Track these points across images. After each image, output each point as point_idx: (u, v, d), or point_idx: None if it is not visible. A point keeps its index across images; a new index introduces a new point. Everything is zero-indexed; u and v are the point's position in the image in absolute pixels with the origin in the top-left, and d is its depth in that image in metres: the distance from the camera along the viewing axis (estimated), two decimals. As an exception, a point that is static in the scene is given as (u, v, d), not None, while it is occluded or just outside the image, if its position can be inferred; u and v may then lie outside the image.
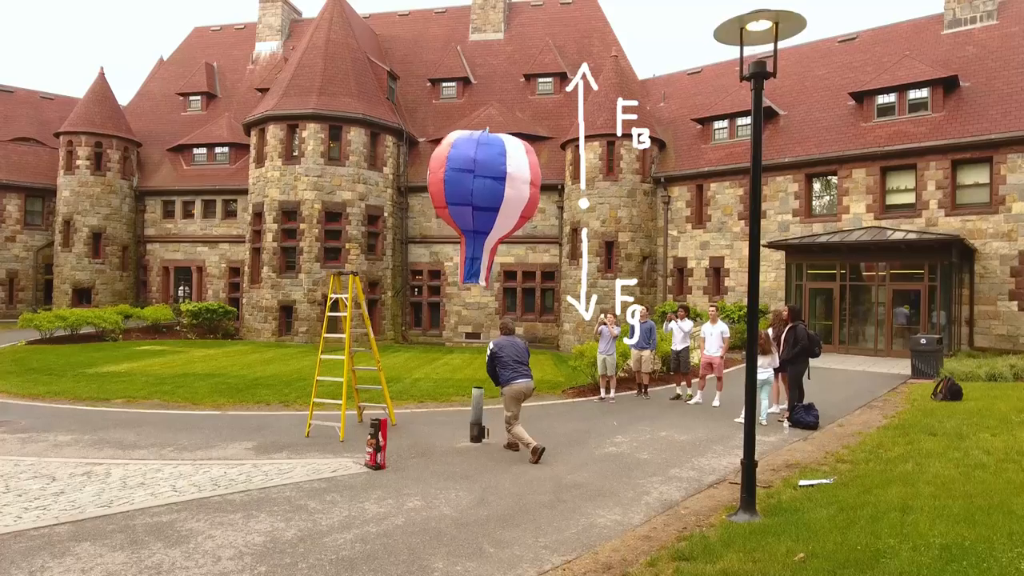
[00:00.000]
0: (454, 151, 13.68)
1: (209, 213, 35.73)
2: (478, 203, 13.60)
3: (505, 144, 13.27)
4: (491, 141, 13.50)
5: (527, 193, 13.97)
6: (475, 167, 13.29)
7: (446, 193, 13.75)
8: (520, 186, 13.52)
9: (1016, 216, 21.47)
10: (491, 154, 13.37)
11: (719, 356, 13.44)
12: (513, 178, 13.32)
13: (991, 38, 24.73)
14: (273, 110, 30.37)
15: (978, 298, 22.09)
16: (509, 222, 14.24)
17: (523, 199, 13.88)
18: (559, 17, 37.80)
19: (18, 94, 38.54)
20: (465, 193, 13.53)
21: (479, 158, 13.36)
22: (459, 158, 13.51)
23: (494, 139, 13.59)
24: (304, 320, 29.66)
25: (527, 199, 14.00)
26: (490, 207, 13.57)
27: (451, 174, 13.43)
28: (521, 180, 13.52)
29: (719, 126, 28.66)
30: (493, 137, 13.71)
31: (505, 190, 13.46)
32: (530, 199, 14.45)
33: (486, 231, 14.20)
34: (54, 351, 22.60)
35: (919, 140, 23.10)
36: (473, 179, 13.35)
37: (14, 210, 35.01)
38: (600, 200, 28.69)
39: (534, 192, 15.28)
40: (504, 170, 13.41)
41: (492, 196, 13.50)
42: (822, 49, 29.22)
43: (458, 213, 14.04)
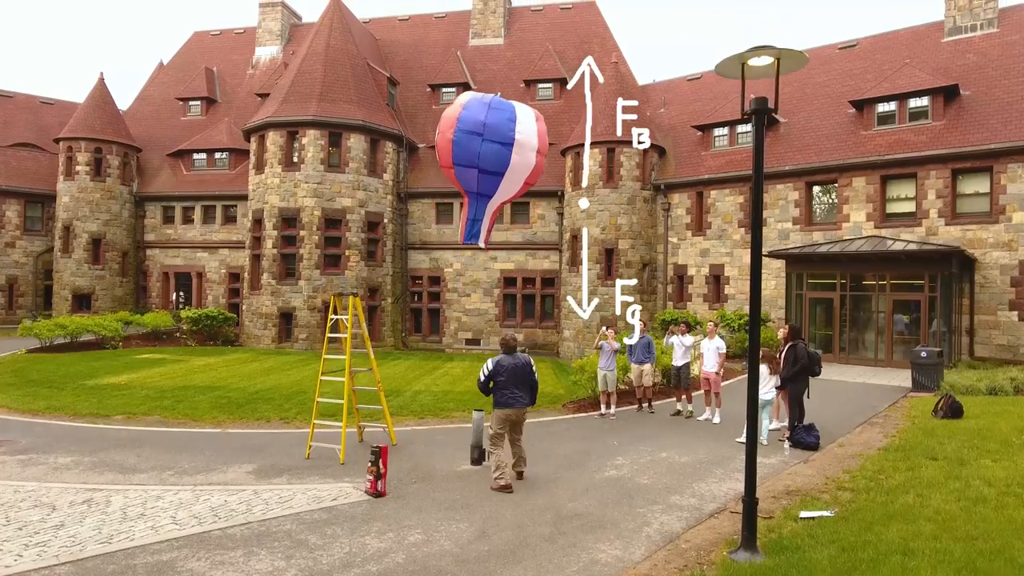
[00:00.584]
0: (465, 112, 13.54)
1: (209, 219, 35.72)
2: (484, 166, 13.48)
3: (516, 110, 13.24)
4: (502, 106, 13.35)
5: (533, 160, 13.78)
6: (484, 131, 13.11)
7: (453, 154, 13.62)
8: (527, 153, 13.35)
9: (1016, 226, 21.44)
10: (501, 119, 13.25)
11: (715, 372, 13.44)
12: (521, 145, 13.16)
13: (991, 46, 24.70)
14: (273, 117, 30.35)
15: (978, 308, 22.07)
16: (513, 187, 14.09)
17: (529, 166, 13.66)
18: (559, 22, 37.78)
19: (17, 99, 38.51)
20: (472, 156, 13.35)
21: (489, 122, 13.19)
22: (469, 120, 13.34)
23: (505, 104, 13.42)
24: (304, 327, 29.65)
25: (532, 166, 13.77)
26: (496, 171, 13.49)
27: (460, 135, 13.26)
28: (529, 147, 13.34)
29: (719, 133, 28.64)
30: (505, 102, 13.50)
31: (512, 156, 13.35)
32: (535, 167, 14.62)
33: (489, 194, 14.18)
34: (54, 360, 22.61)
35: (919, 149, 23.07)
36: (481, 142, 13.19)
37: (14, 216, 35.00)
38: (600, 207, 28.68)
39: (540, 160, 15.49)
40: (512, 136, 13.23)
41: (499, 161, 13.39)
42: (822, 56, 29.15)
43: (463, 175, 13.90)
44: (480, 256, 32.60)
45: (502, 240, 32.32)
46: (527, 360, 9.53)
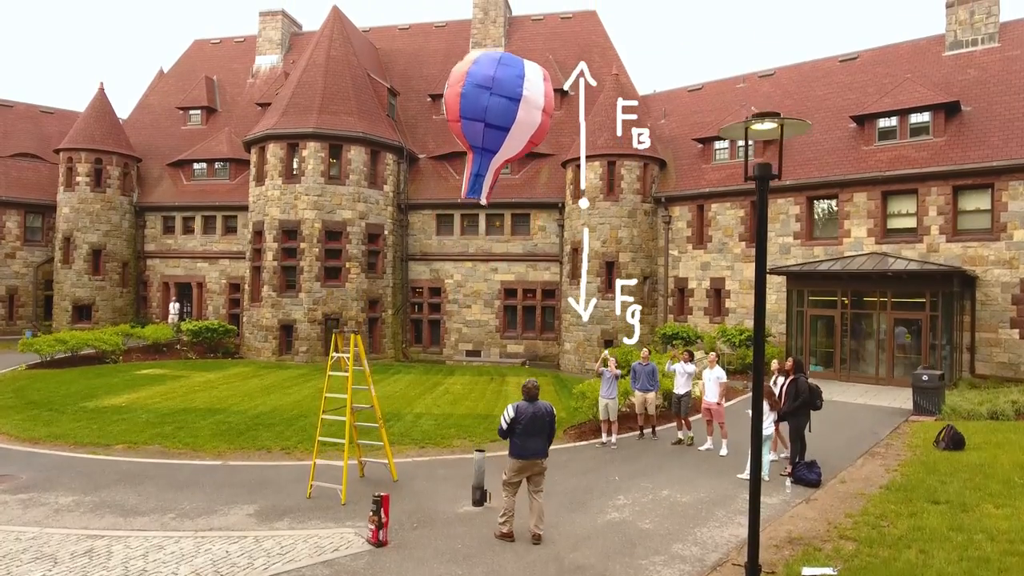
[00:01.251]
0: (475, 67, 13.93)
1: (209, 229, 35.70)
2: (491, 120, 13.77)
3: (525, 67, 13.53)
4: (512, 62, 13.77)
5: (539, 119, 14.24)
6: (493, 85, 13.50)
7: (461, 107, 13.94)
8: (533, 111, 13.73)
9: (1017, 244, 21.43)
10: (510, 75, 13.62)
11: (716, 402, 13.42)
12: (528, 101, 13.51)
13: (992, 61, 24.67)
14: (273, 129, 30.33)
15: (979, 325, 22.06)
16: (517, 144, 14.49)
17: (534, 124, 14.10)
18: (559, 32, 37.73)
19: (17, 108, 38.47)
20: (480, 109, 13.69)
21: (498, 76, 13.60)
22: (479, 74, 13.74)
23: (515, 60, 13.86)
24: (304, 340, 29.64)
25: (538, 125, 14.27)
26: (502, 126, 13.76)
27: (469, 88, 13.63)
28: (535, 105, 13.73)
29: (720, 146, 28.62)
30: (515, 58, 14.02)
31: (519, 112, 13.66)
32: (540, 125, 14.45)
33: (494, 150, 14.34)
34: (55, 377, 22.60)
35: (920, 165, 23.06)
36: (489, 96, 13.55)
37: (14, 227, 34.98)
38: (600, 220, 28.66)
39: (545, 120, 15.72)
40: (520, 92, 13.60)
41: (505, 116, 13.66)
42: (823, 68, 29.16)
43: (470, 128, 14.11)
44: (480, 267, 32.62)
45: (502, 251, 32.36)
46: (548, 409, 9.14)
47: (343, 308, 30.15)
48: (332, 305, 30.01)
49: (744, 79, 31.60)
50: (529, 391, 9.03)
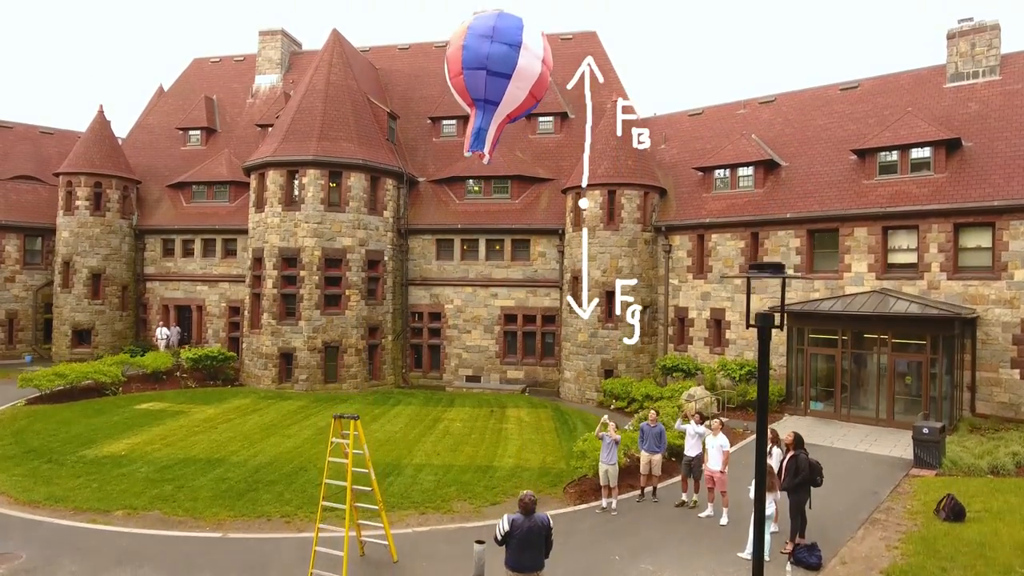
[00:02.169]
0: (476, 21, 14.69)
1: (209, 252, 35.67)
2: (493, 67, 14.23)
3: (523, 20, 14.19)
4: (510, 17, 14.37)
5: (539, 68, 14.74)
6: (494, 34, 14.07)
7: (464, 59, 14.54)
8: (533, 60, 14.26)
9: (1018, 283, 21.41)
10: (509, 24, 14.23)
11: (720, 471, 13.40)
12: (528, 48, 14.06)
13: (994, 95, 24.61)
14: (273, 156, 30.27)
15: (980, 364, 22.04)
16: (519, 94, 14.90)
17: (534, 73, 14.59)
18: (560, 53, 37.45)
19: (17, 129, 38.41)
20: (481, 57, 14.22)
21: (498, 26, 14.23)
22: (480, 26, 14.42)
23: (513, 16, 14.40)
24: (304, 368, 29.62)
25: (538, 75, 14.78)
26: (503, 72, 14.24)
27: (471, 39, 14.32)
28: (534, 54, 14.27)
29: (720, 175, 28.55)
30: (512, 15, 14.48)
31: (519, 58, 14.14)
32: (540, 76, 14.97)
33: (496, 100, 14.78)
34: (55, 415, 22.61)
35: (921, 202, 23.02)
36: (491, 44, 14.08)
37: (13, 250, 34.93)
38: (601, 249, 28.62)
39: (545, 71, 16.11)
40: (520, 39, 14.13)
41: (506, 62, 14.13)
42: (823, 97, 29.10)
43: (472, 79, 14.70)
44: (480, 293, 32.59)
45: (502, 277, 32.33)
46: (545, 522, 8.82)
47: (343, 336, 30.13)
48: (332, 333, 29.98)
49: (745, 105, 31.54)
50: (526, 505, 8.71)
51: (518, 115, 17.85)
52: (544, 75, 16.06)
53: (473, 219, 32.63)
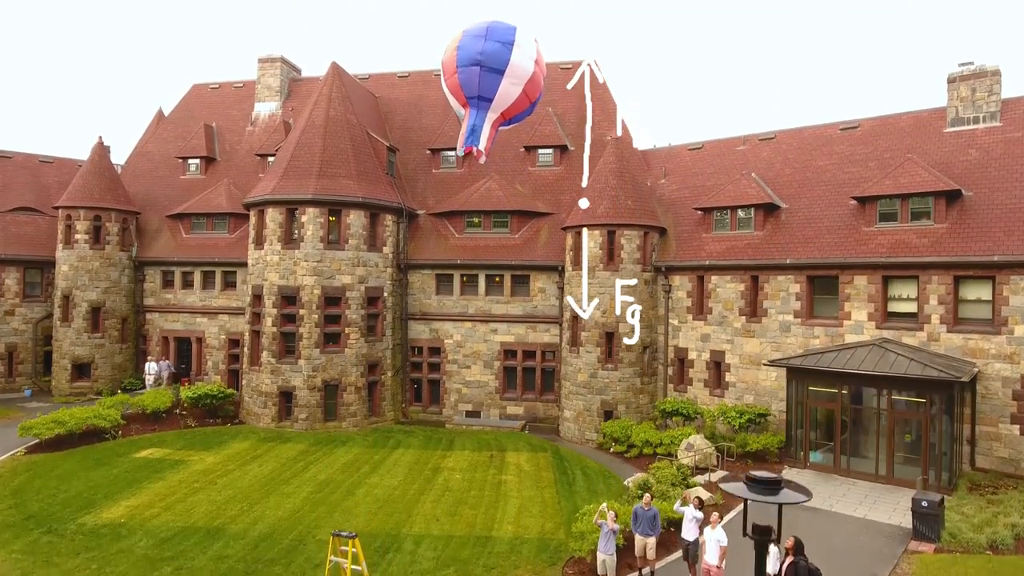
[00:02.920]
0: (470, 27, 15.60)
1: (208, 284, 35.66)
2: (486, 63, 14.94)
3: (516, 27, 15.08)
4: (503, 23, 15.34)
5: (531, 67, 15.45)
6: (487, 33, 14.96)
7: (458, 58, 15.31)
8: (525, 58, 14.96)
9: (1018, 339, 21.38)
10: (502, 26, 15.10)
11: (717, 566, 13.37)
12: (520, 47, 14.78)
13: (994, 142, 24.55)
14: (272, 194, 30.23)
15: (980, 418, 22.02)
16: (514, 90, 15.58)
17: (527, 70, 15.29)
18: (560, 83, 37.33)
19: (16, 159, 38.36)
20: (475, 53, 14.95)
21: (491, 26, 15.12)
22: (474, 29, 15.30)
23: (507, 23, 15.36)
24: (304, 407, 29.62)
25: (531, 73, 15.48)
26: (497, 68, 14.93)
27: (465, 40, 15.13)
28: (527, 53, 15.01)
29: (720, 217, 28.50)
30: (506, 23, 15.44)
31: (512, 55, 14.89)
32: (533, 76, 15.75)
33: (490, 97, 15.43)
34: (55, 467, 22.68)
35: (921, 254, 22.98)
36: (484, 41, 14.92)
37: (13, 283, 34.91)
38: (601, 290, 28.58)
39: (538, 72, 16.73)
40: (512, 38, 14.94)
41: (499, 58, 14.88)
42: (824, 136, 29.02)
43: (466, 76, 15.37)
44: (480, 328, 32.57)
45: (502, 313, 32.31)
46: None
47: (342, 374, 30.12)
48: (331, 371, 29.98)
49: (745, 140, 31.47)
50: None
51: (513, 116, 18.07)
52: (537, 76, 16.50)
53: (473, 254, 32.59)
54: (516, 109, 17.80)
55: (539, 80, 17.32)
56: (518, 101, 17.32)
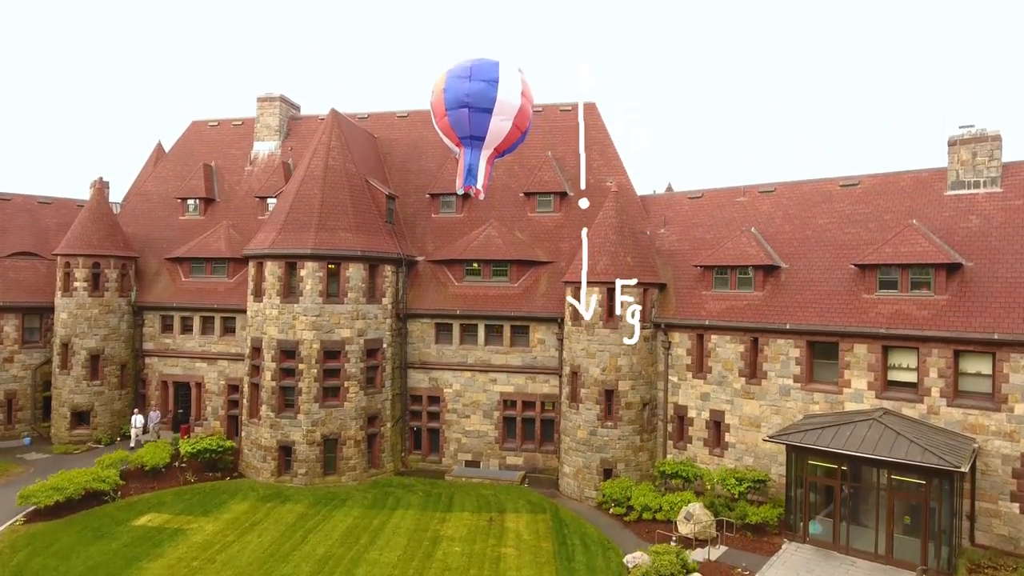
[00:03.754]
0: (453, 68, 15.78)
1: (208, 329, 35.63)
2: (474, 103, 15.28)
3: (499, 62, 15.32)
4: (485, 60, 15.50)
5: (518, 100, 15.69)
6: (471, 73, 15.26)
7: (446, 101, 15.61)
8: (511, 93, 15.24)
9: (1019, 417, 21.38)
10: (485, 64, 15.34)
11: None
12: (505, 82, 15.09)
13: (995, 209, 24.48)
14: (271, 248, 30.17)
15: (979, 494, 22.02)
16: (503, 126, 15.96)
17: (515, 105, 15.57)
18: (559, 125, 37.42)
19: (15, 201, 38.27)
20: (461, 95, 15.29)
21: (474, 66, 15.34)
22: (457, 69, 15.53)
23: (488, 59, 15.51)
24: (303, 462, 29.60)
25: (519, 106, 15.75)
26: (484, 108, 15.29)
27: (450, 82, 15.40)
28: (512, 87, 15.26)
29: (720, 275, 28.43)
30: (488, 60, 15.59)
31: (498, 92, 15.21)
32: (521, 108, 16.06)
33: (481, 135, 15.89)
34: (54, 541, 22.66)
35: (921, 327, 22.96)
36: (469, 82, 15.22)
37: (12, 330, 34.85)
38: (600, 348, 28.55)
39: (525, 103, 17.09)
40: (496, 75, 15.24)
41: (485, 96, 15.21)
42: (824, 192, 28.91)
43: (456, 118, 15.81)
44: (480, 378, 32.55)
45: (501, 363, 32.28)
46: None
47: (342, 428, 30.10)
48: (331, 426, 29.95)
49: (744, 192, 31.37)
50: None
51: (506, 149, 18.37)
52: (525, 107, 16.84)
53: (472, 303, 32.54)
54: (508, 142, 18.06)
55: (527, 111, 17.50)
56: (509, 134, 17.60)
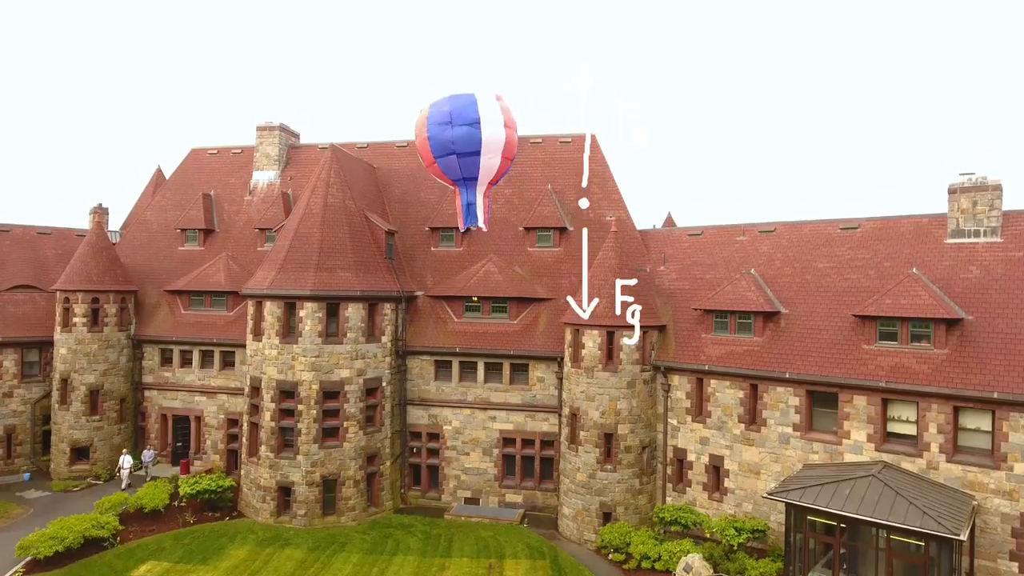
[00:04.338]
0: (432, 110, 15.90)
1: (207, 363, 35.65)
2: (460, 149, 15.63)
3: (476, 96, 15.36)
4: (462, 97, 15.55)
5: (503, 134, 16.02)
6: (451, 118, 15.39)
7: (432, 149, 16.00)
8: (495, 129, 15.53)
9: (1018, 476, 21.34)
10: (463, 104, 15.47)
11: None
12: (487, 121, 15.37)
13: (995, 260, 24.44)
14: (270, 288, 30.14)
15: (978, 551, 22.00)
16: (493, 162, 16.42)
17: (500, 139, 15.95)
18: (559, 157, 37.39)
19: (14, 232, 38.22)
20: (447, 143, 15.64)
21: (453, 109, 15.50)
22: (437, 115, 15.73)
23: (465, 95, 15.57)
24: (303, 503, 29.60)
25: (505, 139, 16.13)
26: (472, 151, 15.67)
27: (433, 130, 15.70)
28: (495, 123, 15.50)
29: (720, 319, 28.40)
30: (465, 94, 15.65)
31: (482, 133, 15.53)
32: (508, 141, 16.43)
33: (474, 175, 16.40)
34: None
35: (921, 382, 22.94)
36: (452, 129, 15.48)
37: (11, 365, 34.82)
38: (600, 391, 28.53)
39: (510, 134, 17.46)
40: (477, 115, 15.48)
41: (471, 141, 15.55)
42: (824, 235, 28.84)
43: (446, 164, 16.29)
44: (479, 415, 32.55)
45: (501, 401, 32.28)
46: None
47: (341, 468, 30.09)
48: (330, 466, 29.94)
49: (744, 231, 31.31)
50: None
51: (498, 178, 18.73)
52: (511, 137, 17.16)
53: (472, 340, 32.53)
54: (500, 172, 18.51)
55: (513, 140, 17.79)
56: (500, 167, 18.00)
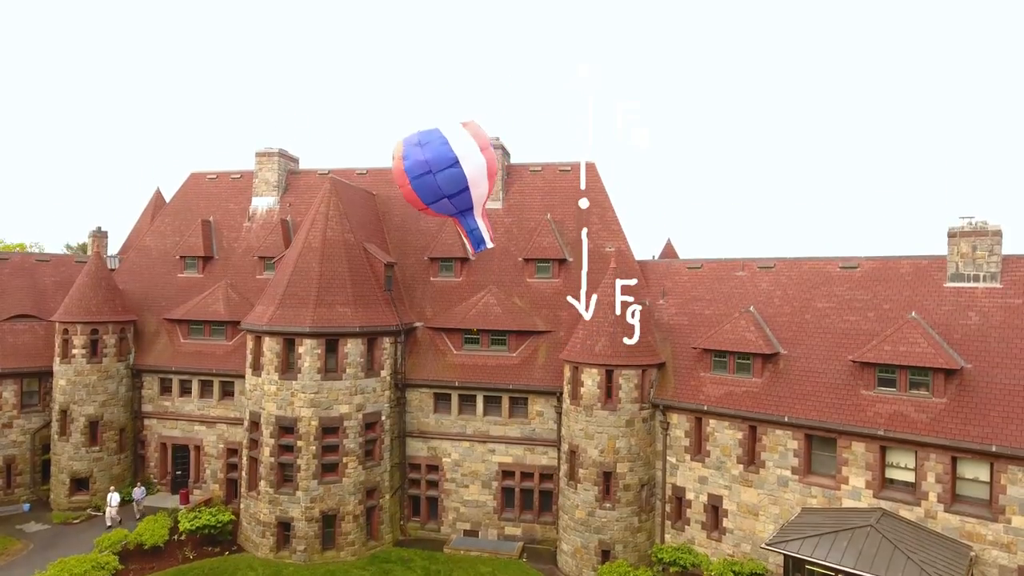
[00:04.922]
0: (407, 163, 16.16)
1: (206, 393, 35.69)
2: (448, 192, 16.07)
3: (442, 132, 15.62)
4: (431, 137, 15.90)
5: (481, 159, 16.37)
6: (430, 167, 15.69)
7: (421, 198, 16.41)
8: (473, 158, 15.91)
9: (1016, 529, 21.38)
10: (436, 146, 15.78)
11: None
12: (464, 157, 15.67)
13: (994, 307, 24.46)
14: (269, 325, 30.15)
15: (977, 603, 22.08)
16: (482, 189, 17.00)
17: (481, 166, 16.33)
18: (558, 186, 37.38)
19: (13, 260, 38.23)
20: (435, 190, 16.05)
21: (429, 157, 15.79)
22: (414, 167, 16.02)
23: (432, 134, 15.91)
24: (302, 539, 29.65)
25: (485, 163, 16.47)
26: (459, 190, 16.09)
27: (416, 183, 15.93)
28: (471, 152, 15.84)
29: (719, 358, 28.42)
30: (430, 132, 15.96)
31: (464, 169, 15.86)
32: (488, 163, 16.78)
33: (469, 207, 17.07)
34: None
35: (919, 431, 22.96)
36: (434, 176, 15.80)
37: (11, 396, 34.83)
38: (599, 429, 28.58)
39: (489, 156, 17.42)
40: (453, 154, 15.77)
41: (456, 181, 15.95)
42: (823, 273, 28.86)
43: (439, 207, 16.88)
44: (478, 448, 32.59)
45: (500, 434, 32.32)
46: None
47: (340, 503, 30.14)
48: (329, 502, 29.99)
49: (743, 266, 31.30)
50: None
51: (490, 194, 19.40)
52: (490, 158, 17.83)
53: (471, 373, 32.56)
54: (490, 191, 19.02)
55: (492, 157, 18.24)
56: (490, 187, 18.40)
